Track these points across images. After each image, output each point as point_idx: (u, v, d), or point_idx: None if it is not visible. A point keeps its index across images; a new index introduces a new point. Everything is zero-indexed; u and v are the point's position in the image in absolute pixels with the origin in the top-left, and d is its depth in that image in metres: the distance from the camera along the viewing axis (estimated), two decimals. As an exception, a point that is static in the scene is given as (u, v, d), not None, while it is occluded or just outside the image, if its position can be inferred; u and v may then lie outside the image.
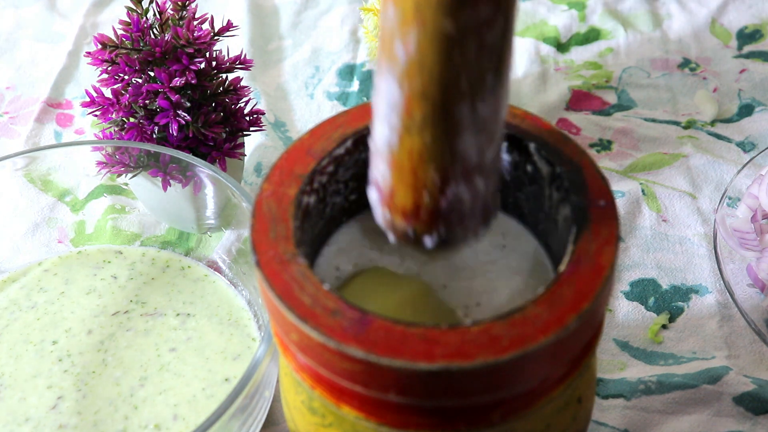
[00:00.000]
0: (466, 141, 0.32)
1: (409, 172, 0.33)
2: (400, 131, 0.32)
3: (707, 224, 0.62)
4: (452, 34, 0.30)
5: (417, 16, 0.30)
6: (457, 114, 0.32)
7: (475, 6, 0.30)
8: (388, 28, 0.31)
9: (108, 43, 0.54)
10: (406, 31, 0.30)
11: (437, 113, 0.32)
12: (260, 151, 0.67)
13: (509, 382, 0.32)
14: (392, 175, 0.34)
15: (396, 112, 0.32)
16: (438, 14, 0.30)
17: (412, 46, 0.30)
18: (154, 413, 0.50)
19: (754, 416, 0.51)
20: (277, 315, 0.33)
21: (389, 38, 0.31)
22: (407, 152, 0.33)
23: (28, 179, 0.59)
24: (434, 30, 0.30)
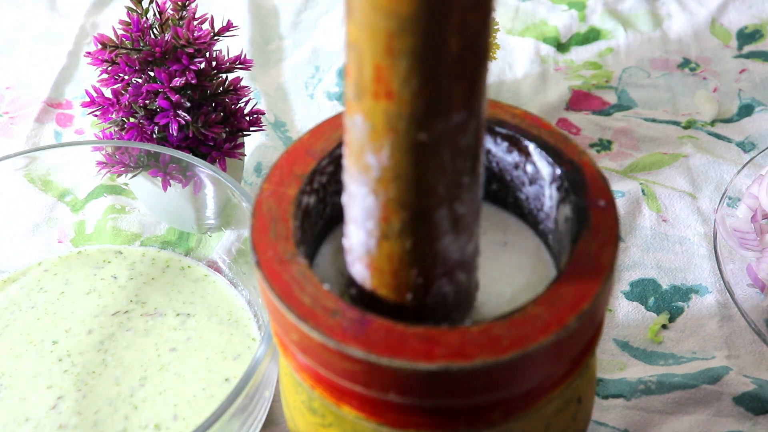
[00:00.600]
0: (447, 242, 0.32)
1: (389, 275, 0.33)
2: (378, 237, 0.32)
3: (707, 224, 0.62)
4: (426, 143, 0.29)
5: (389, 128, 0.29)
6: (436, 218, 0.31)
7: (448, 114, 0.29)
8: (358, 139, 0.30)
9: (108, 43, 0.54)
10: (379, 144, 0.30)
11: (416, 220, 0.31)
12: (260, 151, 0.67)
13: (509, 382, 0.32)
14: (372, 277, 0.34)
15: (372, 219, 0.32)
16: (411, 125, 0.29)
17: (386, 156, 0.30)
18: (154, 413, 0.50)
19: (754, 416, 0.51)
20: (277, 315, 0.33)
21: (359, 149, 0.31)
22: (387, 257, 0.33)
23: (28, 179, 0.59)
24: (408, 141, 0.29)
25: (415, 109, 0.29)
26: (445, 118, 0.29)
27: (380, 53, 0.28)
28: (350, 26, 0.29)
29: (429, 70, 0.28)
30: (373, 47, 0.28)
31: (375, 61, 0.28)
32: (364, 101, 0.30)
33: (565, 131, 0.57)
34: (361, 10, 0.28)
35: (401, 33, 0.28)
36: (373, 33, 0.28)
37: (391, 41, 0.28)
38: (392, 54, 0.28)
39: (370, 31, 0.28)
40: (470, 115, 0.30)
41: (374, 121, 0.30)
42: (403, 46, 0.28)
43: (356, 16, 0.28)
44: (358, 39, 0.29)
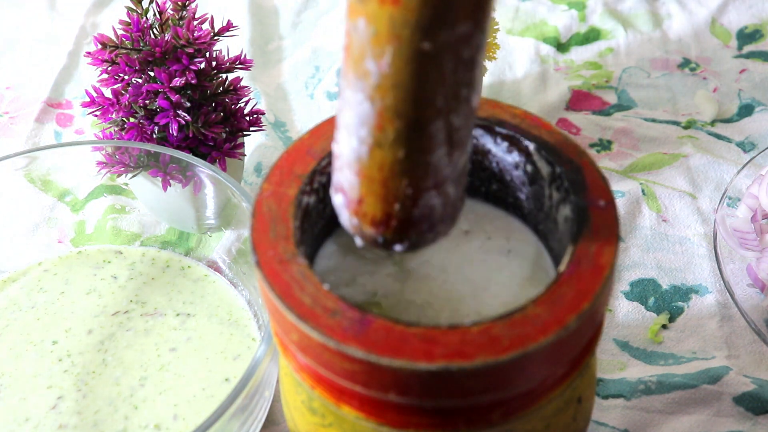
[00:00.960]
0: (440, 155, 0.32)
1: (379, 183, 0.32)
2: (371, 145, 0.32)
3: (707, 224, 0.62)
4: (429, 53, 0.29)
5: (392, 35, 0.29)
6: (432, 130, 0.31)
7: (454, 24, 0.28)
8: (358, 43, 0.30)
9: (108, 43, 0.54)
10: (380, 49, 0.29)
11: (411, 130, 0.31)
12: (260, 151, 0.67)
13: (509, 382, 0.32)
14: (361, 184, 0.33)
15: (366, 126, 0.31)
16: (415, 34, 0.28)
17: (386, 63, 0.29)
18: (154, 413, 0.50)
19: (754, 416, 0.51)
20: (277, 315, 0.33)
21: (359, 53, 0.30)
22: (378, 165, 0.32)
23: (28, 179, 0.59)
24: (411, 49, 0.29)
25: (421, 17, 0.28)
26: (450, 28, 0.29)
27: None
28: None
29: None
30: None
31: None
32: (369, 4, 0.28)
33: (565, 131, 0.57)
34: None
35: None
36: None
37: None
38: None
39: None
40: (475, 27, 0.29)
41: (378, 26, 0.29)
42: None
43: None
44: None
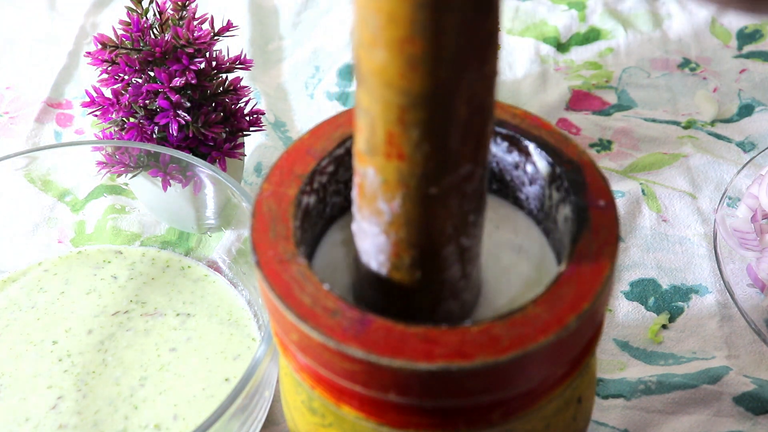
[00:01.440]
0: (454, 271, 0.34)
1: (399, 298, 0.35)
2: (389, 268, 0.34)
3: (707, 224, 0.62)
4: (436, 195, 0.31)
5: (401, 184, 0.31)
6: (445, 254, 0.33)
7: (457, 170, 0.31)
8: (370, 187, 0.32)
9: (108, 43, 0.54)
10: (390, 194, 0.31)
11: (425, 256, 0.33)
12: (260, 151, 0.67)
13: (509, 382, 0.32)
14: (382, 300, 0.35)
15: (383, 254, 0.34)
16: (422, 182, 0.31)
17: (397, 205, 0.32)
18: (154, 413, 0.50)
19: (754, 416, 0.51)
20: (277, 315, 0.33)
21: (371, 195, 0.32)
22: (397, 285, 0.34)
23: (28, 179, 0.59)
24: (418, 194, 0.31)
25: (426, 169, 0.30)
26: (453, 173, 0.31)
27: (392, 122, 0.30)
28: (362, 94, 0.30)
29: (439, 136, 0.30)
30: (385, 117, 0.30)
31: (387, 128, 0.30)
32: (377, 158, 0.31)
33: (565, 131, 0.57)
34: (373, 84, 0.29)
35: (413, 107, 0.29)
36: (386, 106, 0.29)
37: (403, 114, 0.29)
38: (404, 124, 0.29)
39: (383, 104, 0.29)
40: (476, 165, 0.31)
41: (386, 176, 0.31)
42: (414, 118, 0.29)
43: (368, 87, 0.29)
44: (370, 107, 0.30)
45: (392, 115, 0.29)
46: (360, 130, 0.31)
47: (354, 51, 0.30)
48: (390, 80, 0.29)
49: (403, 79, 0.28)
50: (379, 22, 0.28)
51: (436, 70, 0.28)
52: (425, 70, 0.28)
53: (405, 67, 0.28)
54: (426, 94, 0.29)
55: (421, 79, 0.28)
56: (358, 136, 0.32)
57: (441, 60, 0.28)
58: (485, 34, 0.29)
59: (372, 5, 0.28)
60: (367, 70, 0.29)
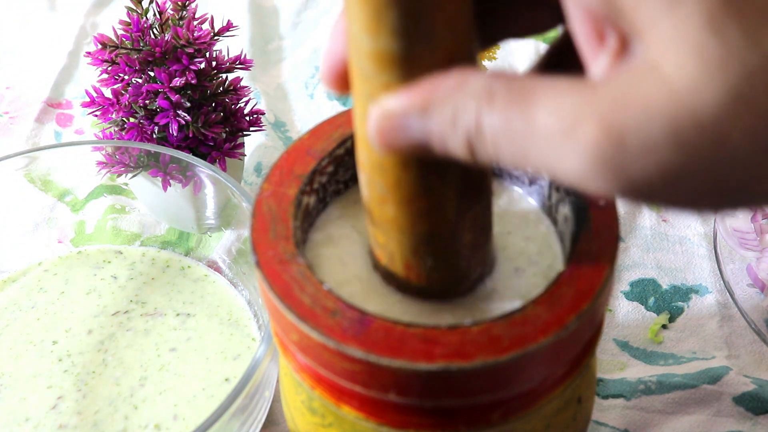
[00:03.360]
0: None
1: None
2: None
3: (707, 224, 0.62)
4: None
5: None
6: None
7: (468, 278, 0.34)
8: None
9: (108, 43, 0.54)
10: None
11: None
12: (260, 151, 0.67)
13: (509, 382, 0.32)
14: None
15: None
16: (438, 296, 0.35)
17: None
18: (154, 413, 0.50)
19: (754, 416, 0.51)
20: (277, 315, 0.33)
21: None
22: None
23: (28, 179, 0.59)
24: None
25: (442, 284, 0.34)
26: (465, 282, 0.34)
27: (408, 255, 0.33)
28: (377, 233, 0.33)
29: (450, 261, 0.33)
30: (401, 251, 0.33)
31: (404, 260, 0.33)
32: (397, 280, 0.34)
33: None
34: (387, 229, 0.32)
35: (425, 243, 0.32)
36: (400, 244, 0.33)
37: (416, 248, 0.32)
38: (419, 256, 0.33)
39: (397, 242, 0.33)
40: (485, 269, 0.35)
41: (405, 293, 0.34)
42: (427, 251, 0.32)
43: (383, 231, 0.33)
44: (386, 244, 0.33)
45: (407, 250, 0.33)
46: (380, 257, 0.34)
47: (364, 201, 0.33)
48: (401, 228, 0.32)
49: (414, 226, 0.32)
50: (387, 186, 0.31)
51: (443, 216, 0.31)
52: (432, 218, 0.31)
53: (414, 218, 0.31)
54: (435, 234, 0.32)
55: (429, 224, 0.31)
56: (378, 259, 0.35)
57: (445, 208, 0.31)
58: (482, 175, 0.32)
59: (378, 174, 0.31)
60: (380, 219, 0.32)
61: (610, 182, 0.24)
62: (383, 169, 0.30)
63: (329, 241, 0.37)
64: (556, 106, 0.24)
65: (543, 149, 0.24)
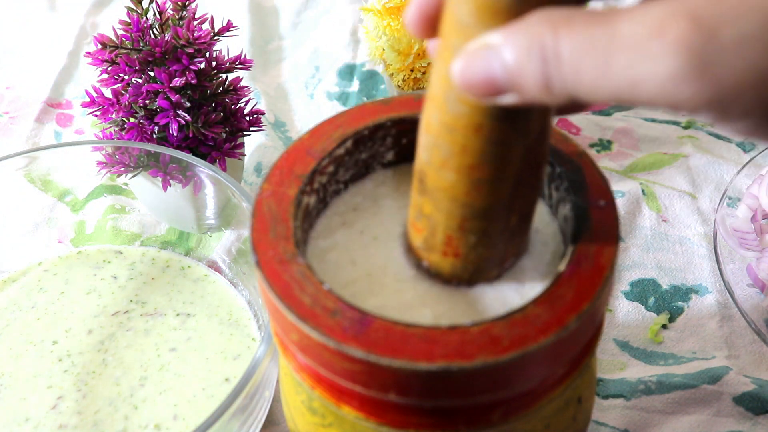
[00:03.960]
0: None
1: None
2: None
3: (707, 224, 0.62)
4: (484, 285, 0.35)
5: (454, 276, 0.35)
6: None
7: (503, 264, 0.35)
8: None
9: (108, 43, 0.54)
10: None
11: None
12: (260, 151, 0.67)
13: (509, 382, 0.32)
14: None
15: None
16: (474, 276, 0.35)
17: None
18: (154, 413, 0.50)
19: (754, 416, 0.51)
20: (277, 315, 0.33)
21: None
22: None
23: (28, 179, 0.59)
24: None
25: (478, 265, 0.34)
26: (501, 266, 0.35)
27: (453, 229, 0.33)
28: (425, 203, 0.33)
29: (493, 241, 0.33)
30: (446, 224, 0.33)
31: (447, 233, 0.33)
32: (433, 254, 0.34)
33: (565, 131, 0.57)
34: (437, 196, 0.32)
35: (473, 218, 0.32)
36: (448, 215, 0.32)
37: (463, 222, 0.32)
38: (463, 230, 0.33)
39: (446, 214, 0.32)
40: (517, 258, 0.35)
41: (441, 270, 0.34)
42: (473, 227, 0.33)
43: (433, 199, 0.32)
44: (432, 214, 0.33)
45: (453, 223, 0.33)
46: (419, 230, 0.34)
47: (419, 166, 0.33)
48: (455, 196, 0.32)
49: (468, 196, 0.32)
50: (452, 150, 0.31)
51: (498, 191, 0.31)
52: (488, 190, 0.31)
53: (470, 188, 0.31)
54: (486, 209, 0.32)
55: (483, 197, 0.32)
56: (415, 235, 0.35)
57: (503, 182, 0.31)
58: (541, 158, 0.32)
59: (447, 137, 0.30)
60: (433, 186, 0.32)
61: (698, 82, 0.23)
62: (453, 131, 0.30)
63: (335, 247, 0.37)
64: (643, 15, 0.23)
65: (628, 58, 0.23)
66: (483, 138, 0.30)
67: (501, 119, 0.29)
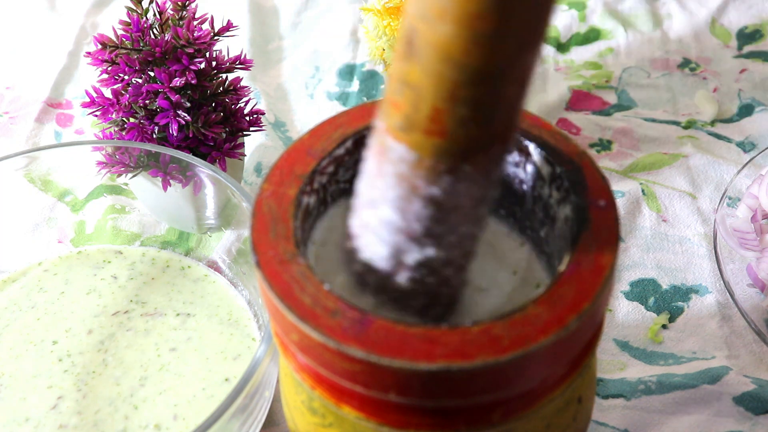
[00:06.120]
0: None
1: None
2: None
3: (707, 224, 0.62)
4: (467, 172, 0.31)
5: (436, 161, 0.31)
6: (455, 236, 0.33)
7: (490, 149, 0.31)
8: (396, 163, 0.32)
9: (108, 43, 0.54)
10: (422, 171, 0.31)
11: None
12: (260, 151, 0.68)
13: (509, 382, 0.32)
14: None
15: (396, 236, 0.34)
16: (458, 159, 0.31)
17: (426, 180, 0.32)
18: (154, 413, 0.50)
19: (754, 416, 0.51)
20: (277, 315, 0.33)
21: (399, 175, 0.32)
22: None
23: (28, 179, 0.59)
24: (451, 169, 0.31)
25: (466, 147, 0.30)
26: (486, 153, 0.31)
27: (442, 98, 0.29)
28: (411, 68, 0.29)
29: (486, 116, 0.30)
30: (435, 92, 0.29)
31: (435, 104, 0.29)
32: (413, 135, 0.30)
33: (565, 131, 0.57)
34: (429, 57, 0.28)
35: (467, 84, 0.28)
36: (439, 80, 0.29)
37: (455, 90, 0.29)
38: (455, 101, 0.29)
39: (436, 78, 0.29)
40: (504, 146, 0.32)
41: (421, 153, 0.31)
42: (466, 95, 0.29)
43: (422, 60, 0.29)
44: (419, 81, 0.29)
45: (444, 90, 0.29)
46: (397, 106, 0.30)
47: (409, 23, 0.29)
48: (450, 55, 0.28)
49: (466, 54, 0.28)
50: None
51: (501, 48, 0.28)
52: (490, 47, 0.28)
53: (470, 43, 0.27)
54: (484, 71, 0.28)
55: (483, 55, 0.28)
56: (392, 113, 0.31)
57: (507, 38, 0.28)
58: (546, 13, 0.28)
59: None
60: (425, 43, 0.28)
61: None
62: None
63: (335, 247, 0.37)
64: None
65: None
66: None
67: None
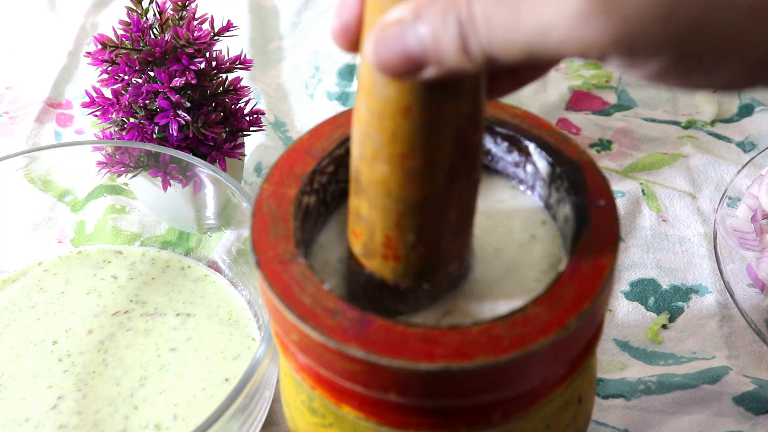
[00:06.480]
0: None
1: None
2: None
3: (707, 224, 0.62)
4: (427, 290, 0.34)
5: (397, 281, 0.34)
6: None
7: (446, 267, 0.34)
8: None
9: (108, 43, 0.54)
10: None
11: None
12: (260, 151, 0.67)
13: (509, 382, 0.32)
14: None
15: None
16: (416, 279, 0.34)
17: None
18: (154, 413, 0.50)
19: (754, 416, 0.51)
20: (277, 315, 0.33)
21: None
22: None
23: (28, 179, 0.59)
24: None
25: (420, 268, 0.33)
26: (443, 270, 0.34)
27: (390, 228, 0.32)
28: (361, 203, 0.33)
29: (432, 239, 0.33)
30: (383, 223, 0.32)
31: (385, 233, 0.32)
32: (374, 260, 0.34)
33: (565, 131, 0.57)
34: (373, 193, 0.32)
35: (409, 214, 0.32)
36: (385, 213, 0.32)
37: (400, 220, 0.32)
38: (401, 229, 0.32)
39: (382, 211, 0.32)
40: (461, 262, 0.34)
41: (383, 275, 0.34)
42: (410, 224, 0.32)
43: (368, 196, 0.32)
44: (369, 214, 0.32)
45: (390, 221, 0.32)
46: (357, 236, 0.34)
47: (354, 164, 0.32)
48: (389, 190, 0.31)
49: (402, 189, 0.31)
50: (383, 139, 0.30)
51: (432, 181, 0.31)
52: (422, 180, 0.31)
53: (404, 179, 0.31)
54: (422, 202, 0.31)
55: (418, 188, 0.31)
56: (355, 241, 0.34)
57: (437, 171, 0.31)
58: (475, 145, 0.31)
59: (376, 124, 0.30)
60: (368, 181, 0.32)
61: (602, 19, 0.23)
62: (382, 117, 0.30)
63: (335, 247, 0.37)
64: None
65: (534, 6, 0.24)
66: (412, 122, 0.29)
67: (428, 99, 0.29)
